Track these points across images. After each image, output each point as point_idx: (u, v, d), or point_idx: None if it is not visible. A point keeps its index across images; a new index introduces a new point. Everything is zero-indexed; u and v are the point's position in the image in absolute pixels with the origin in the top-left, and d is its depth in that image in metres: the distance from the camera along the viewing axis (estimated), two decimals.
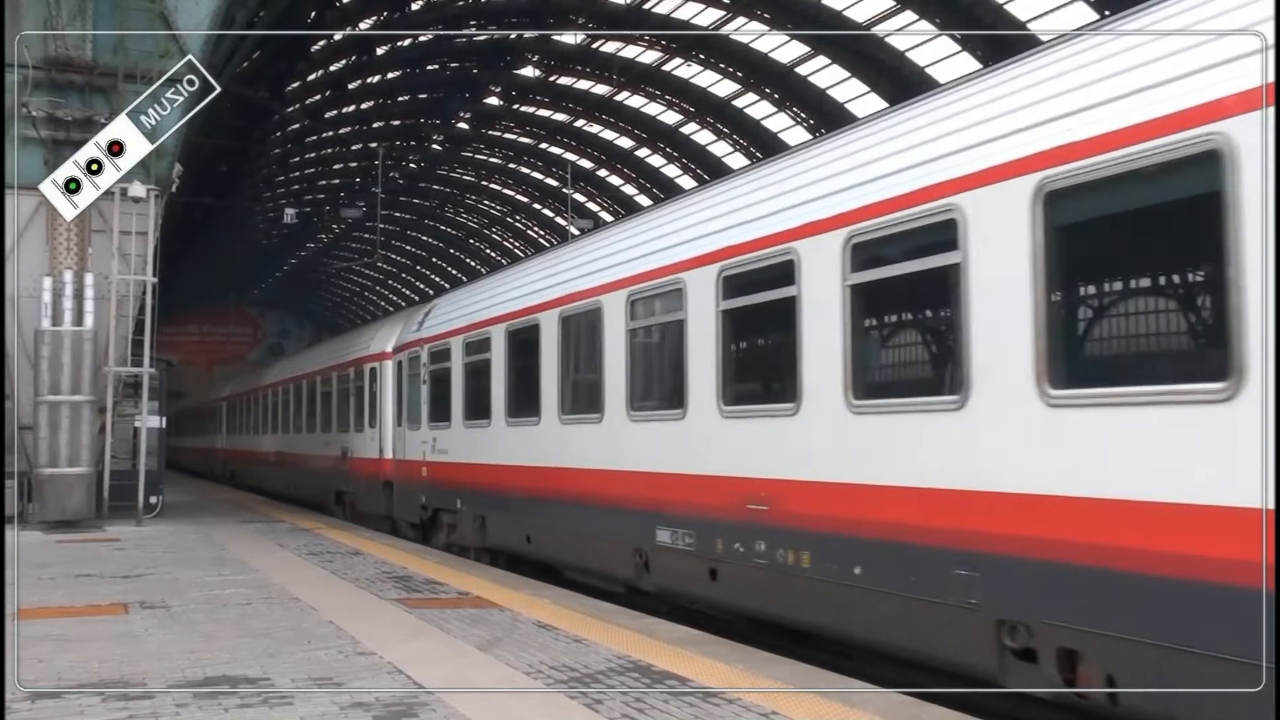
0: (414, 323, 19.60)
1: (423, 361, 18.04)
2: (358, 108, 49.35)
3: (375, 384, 22.37)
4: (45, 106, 19.76)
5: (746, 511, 9.44)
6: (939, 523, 7.30)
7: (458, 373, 16.52)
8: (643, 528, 11.07)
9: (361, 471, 23.01)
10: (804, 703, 6.80)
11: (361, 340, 25.19)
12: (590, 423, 12.34)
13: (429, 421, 17.67)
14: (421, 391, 18.05)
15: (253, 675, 7.57)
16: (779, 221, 9.25)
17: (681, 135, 46.79)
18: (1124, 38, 6.62)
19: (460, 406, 16.41)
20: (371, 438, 22.31)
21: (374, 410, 22.30)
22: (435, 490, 17.55)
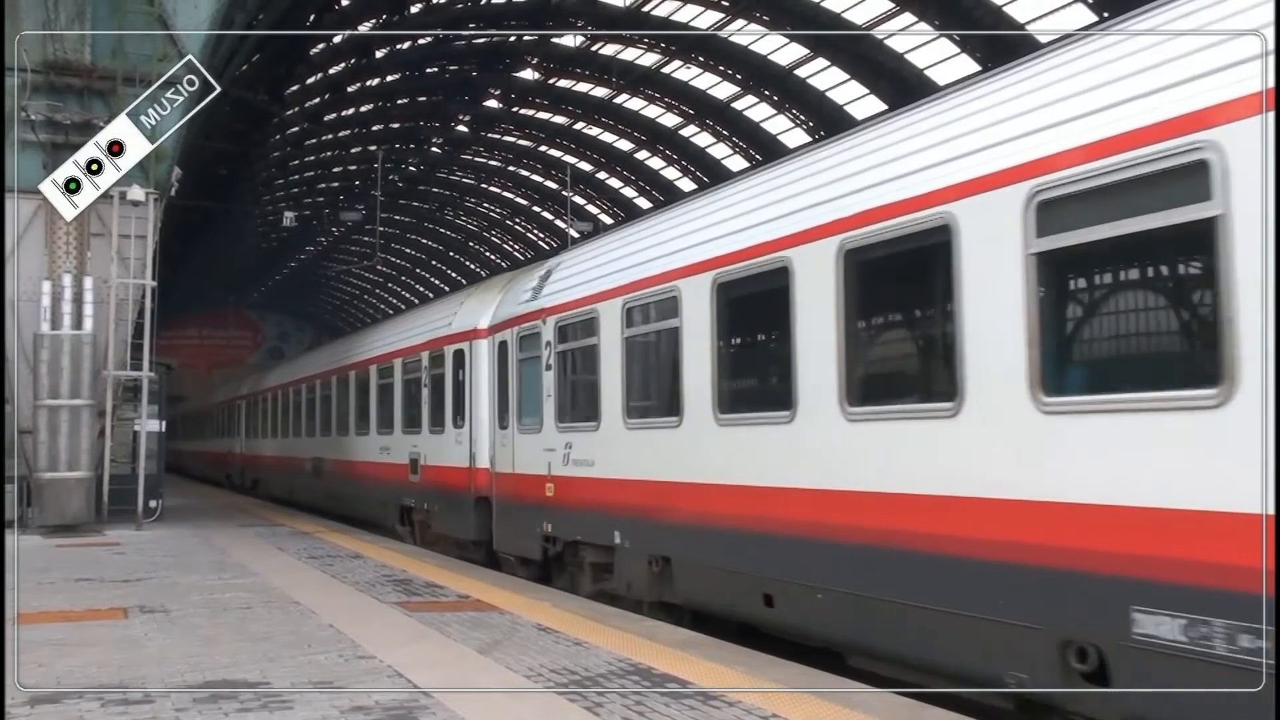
0: (523, 289, 15.06)
1: (546, 340, 13.52)
2: (357, 110, 49.37)
3: (461, 372, 17.31)
4: (44, 110, 19.73)
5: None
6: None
7: (613, 351, 11.90)
8: (1091, 604, 6.38)
9: (439, 484, 18.11)
10: (803, 704, 6.78)
11: (438, 316, 19.79)
12: (929, 418, 7.68)
13: (558, 421, 13.16)
14: (544, 381, 13.53)
15: (253, 679, 7.55)
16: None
17: (681, 137, 46.81)
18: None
19: (618, 400, 11.76)
20: (456, 441, 17.32)
21: (459, 406, 17.34)
22: (569, 516, 12.94)
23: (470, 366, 16.98)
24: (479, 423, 16.51)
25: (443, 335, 18.53)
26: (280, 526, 21.30)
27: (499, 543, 15.45)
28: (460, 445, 17.20)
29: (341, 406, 25.36)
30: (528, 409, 14.27)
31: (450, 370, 17.85)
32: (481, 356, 16.62)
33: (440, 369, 18.33)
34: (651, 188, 50.79)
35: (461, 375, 17.38)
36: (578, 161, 52.26)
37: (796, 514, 8.94)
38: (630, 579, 11.68)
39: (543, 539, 13.62)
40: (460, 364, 17.45)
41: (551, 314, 13.57)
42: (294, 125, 47.51)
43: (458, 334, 17.84)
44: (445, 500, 17.91)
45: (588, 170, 52.98)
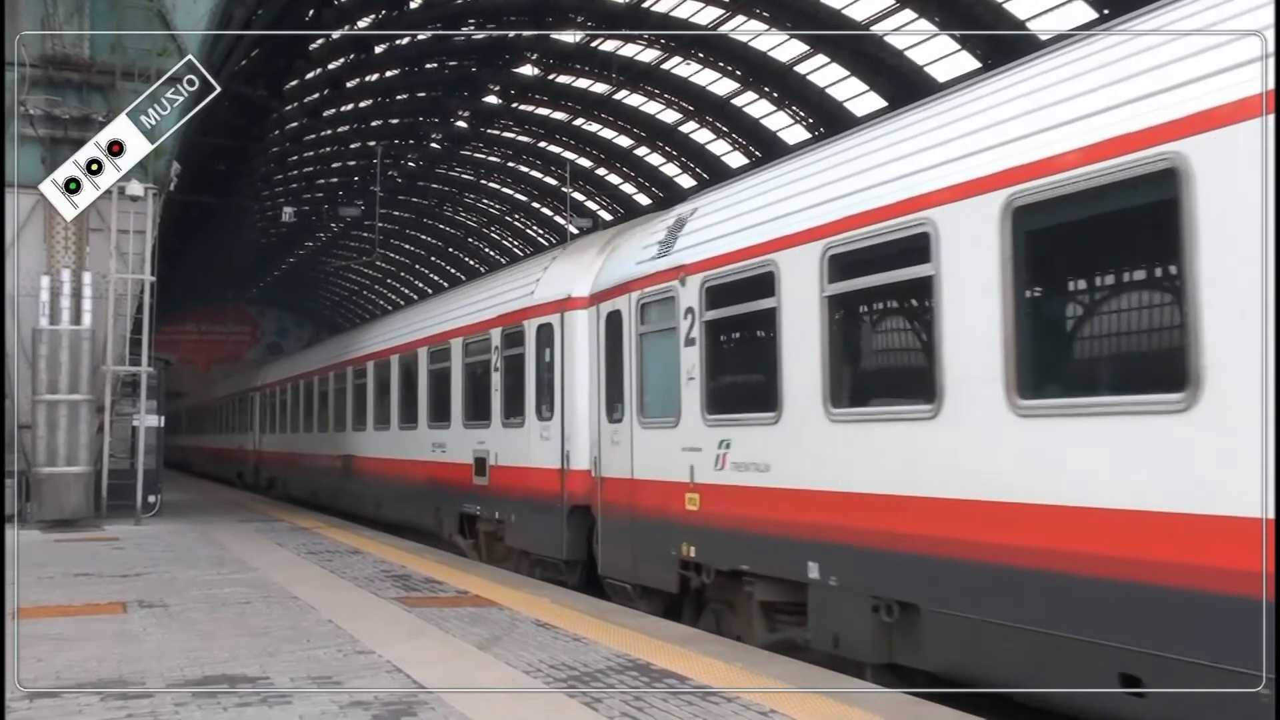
0: (641, 245, 12.03)
1: (686, 306, 10.53)
2: (356, 106, 49.35)
3: (549, 351, 14.29)
4: (43, 105, 19.74)
5: None
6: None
7: (804, 315, 8.81)
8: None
9: (517, 490, 14.92)
10: (804, 701, 6.79)
11: (512, 285, 16.31)
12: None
13: (706, 412, 10.18)
14: (683, 360, 10.51)
15: (251, 674, 7.55)
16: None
17: (680, 134, 46.79)
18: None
19: (815, 382, 8.67)
20: (542, 437, 14.21)
21: (545, 393, 14.27)
22: (726, 538, 9.89)
23: (561, 345, 13.80)
24: (575, 415, 13.35)
25: (522, 308, 15.15)
26: (279, 522, 21.29)
27: (607, 566, 12.21)
28: (548, 442, 13.95)
29: (381, 396, 22.06)
30: (655, 397, 11.23)
31: (532, 350, 14.65)
32: (578, 332, 13.44)
33: (518, 349, 15.07)
34: (651, 184, 50.79)
35: (548, 356, 14.27)
36: (577, 157, 52.24)
37: (1196, 555, 5.76)
38: (839, 630, 8.43)
39: (679, 565, 10.48)
40: (546, 342, 14.30)
41: (695, 271, 10.42)
42: (293, 121, 47.50)
43: (543, 305, 14.48)
44: (525, 510, 14.61)
45: (587, 166, 52.96)
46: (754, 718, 6.42)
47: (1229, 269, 5.64)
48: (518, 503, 14.96)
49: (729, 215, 10.46)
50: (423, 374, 19.21)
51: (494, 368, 15.97)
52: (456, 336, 17.80)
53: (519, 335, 15.15)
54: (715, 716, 6.46)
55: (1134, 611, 6.10)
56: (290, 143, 51.83)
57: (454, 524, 17.44)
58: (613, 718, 6.43)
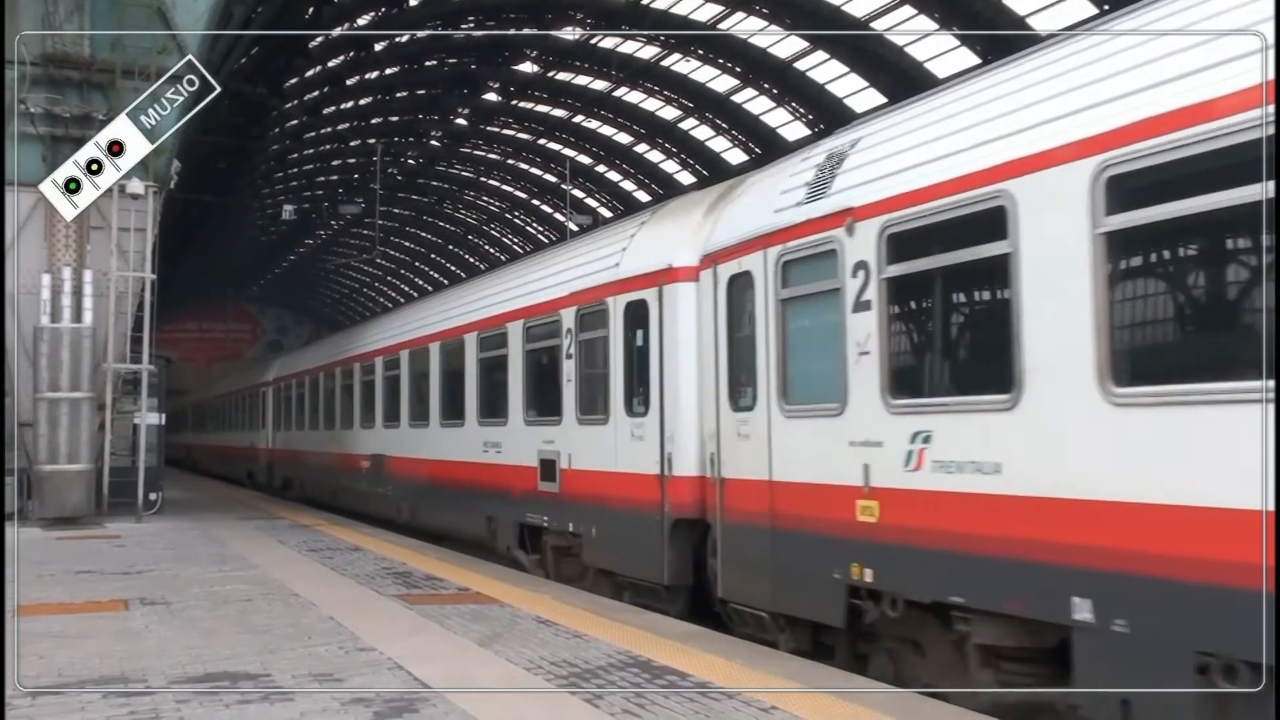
0: (780, 189, 9.69)
1: (855, 260, 8.28)
2: (356, 104, 49.34)
3: (642, 333, 12.00)
4: (43, 103, 19.74)
5: None
6: None
7: (1057, 263, 6.69)
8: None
9: (599, 498, 12.62)
10: (804, 698, 6.80)
11: (590, 257, 13.79)
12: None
13: (889, 396, 7.97)
14: (850, 330, 8.32)
15: (253, 671, 7.57)
16: None
17: (680, 130, 46.77)
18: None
19: (1084, 352, 6.47)
20: (634, 435, 11.88)
21: (637, 383, 12.03)
22: (925, 562, 7.67)
23: (660, 324, 11.45)
24: (679, 408, 11.02)
25: (603, 284, 12.72)
26: (280, 519, 21.30)
27: (732, 590, 9.95)
28: (642, 443, 11.61)
29: (418, 389, 19.70)
30: (804, 377, 9.19)
31: (619, 333, 12.31)
32: (683, 307, 11.14)
33: (598, 331, 12.76)
34: (651, 181, 50.78)
35: (641, 338, 11.92)
36: (577, 155, 52.22)
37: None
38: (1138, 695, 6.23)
39: (847, 592, 8.29)
40: (638, 322, 11.93)
41: (868, 215, 8.17)
42: (293, 119, 47.52)
43: (633, 279, 12.08)
44: (609, 522, 12.30)
45: (587, 163, 52.95)
46: (755, 714, 6.43)
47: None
48: (599, 514, 12.46)
49: (918, 141, 8.05)
50: (471, 363, 16.90)
51: (565, 354, 13.51)
52: (515, 320, 15.31)
53: (600, 315, 12.71)
54: (716, 713, 6.47)
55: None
56: (290, 140, 51.84)
57: (512, 536, 14.93)
58: (614, 714, 6.44)
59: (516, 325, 15.27)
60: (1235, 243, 6.20)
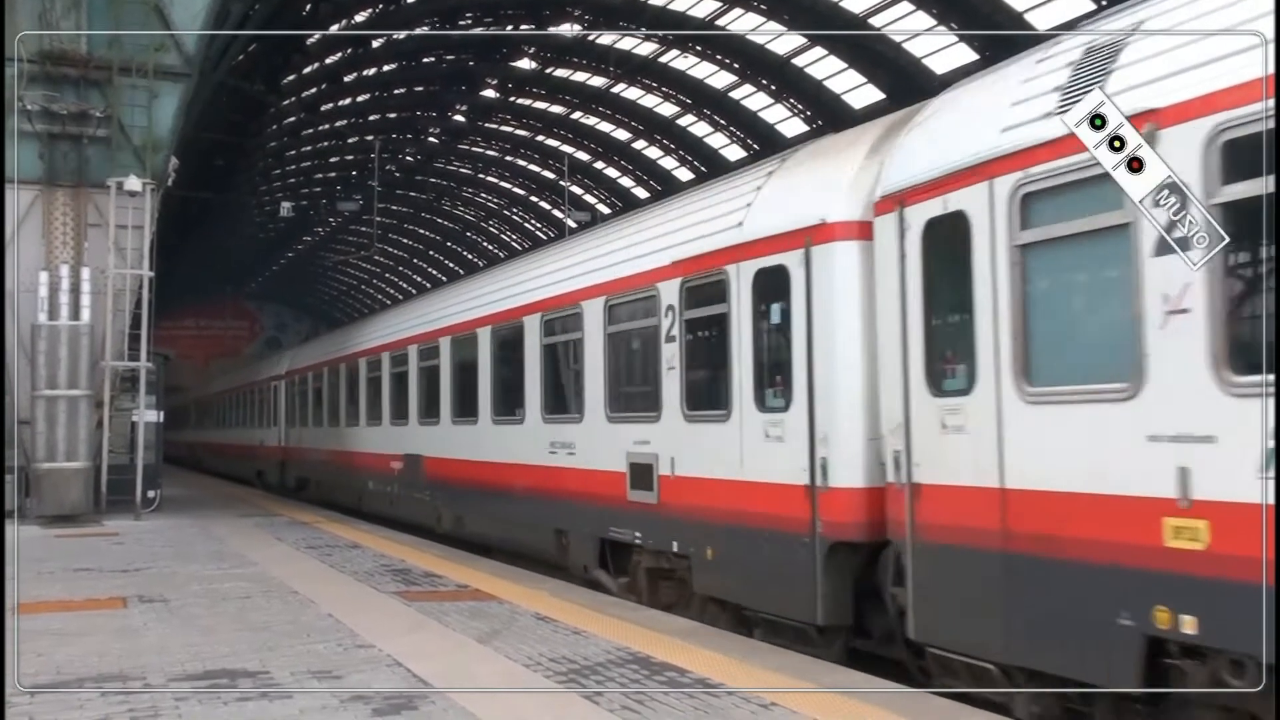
0: (1020, 97, 7.33)
1: (1157, 185, 5.61)
2: (354, 101, 49.29)
3: (779, 308, 9.66)
4: (40, 100, 19.72)
5: None
6: None
7: None
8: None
9: (717, 511, 10.17)
10: (803, 692, 6.80)
11: (697, 218, 11.30)
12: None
13: (1228, 372, 5.74)
14: (1146, 281, 6.15)
15: (252, 669, 7.56)
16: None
17: (679, 127, 46.75)
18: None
19: None
20: (768, 435, 9.58)
21: (770, 371, 9.80)
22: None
23: (808, 294, 9.07)
24: (836, 399, 8.77)
25: (721, 248, 10.32)
26: (279, 517, 21.29)
27: (929, 630, 7.69)
28: (781, 443, 9.31)
29: (463, 381, 17.35)
30: (1061, 350, 7.07)
31: (746, 308, 9.92)
32: (842, 271, 8.85)
33: (714, 307, 10.44)
34: (649, 177, 50.76)
35: (779, 313, 9.61)
36: (575, 151, 52.19)
37: None
38: None
39: (1144, 645, 6.07)
40: (774, 293, 9.60)
41: (1186, 117, 5.93)
42: (291, 115, 47.45)
43: (766, 241, 9.68)
44: (733, 542, 9.90)
45: (585, 160, 52.92)
46: (755, 710, 6.43)
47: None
48: (716, 532, 10.13)
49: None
50: (532, 350, 14.57)
51: (665, 336, 11.18)
52: (592, 297, 12.92)
53: (715, 288, 10.40)
54: (716, 709, 6.47)
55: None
56: (288, 137, 51.79)
57: (591, 553, 12.71)
58: (613, 710, 6.44)
59: (595, 304, 12.81)
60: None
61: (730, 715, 6.34)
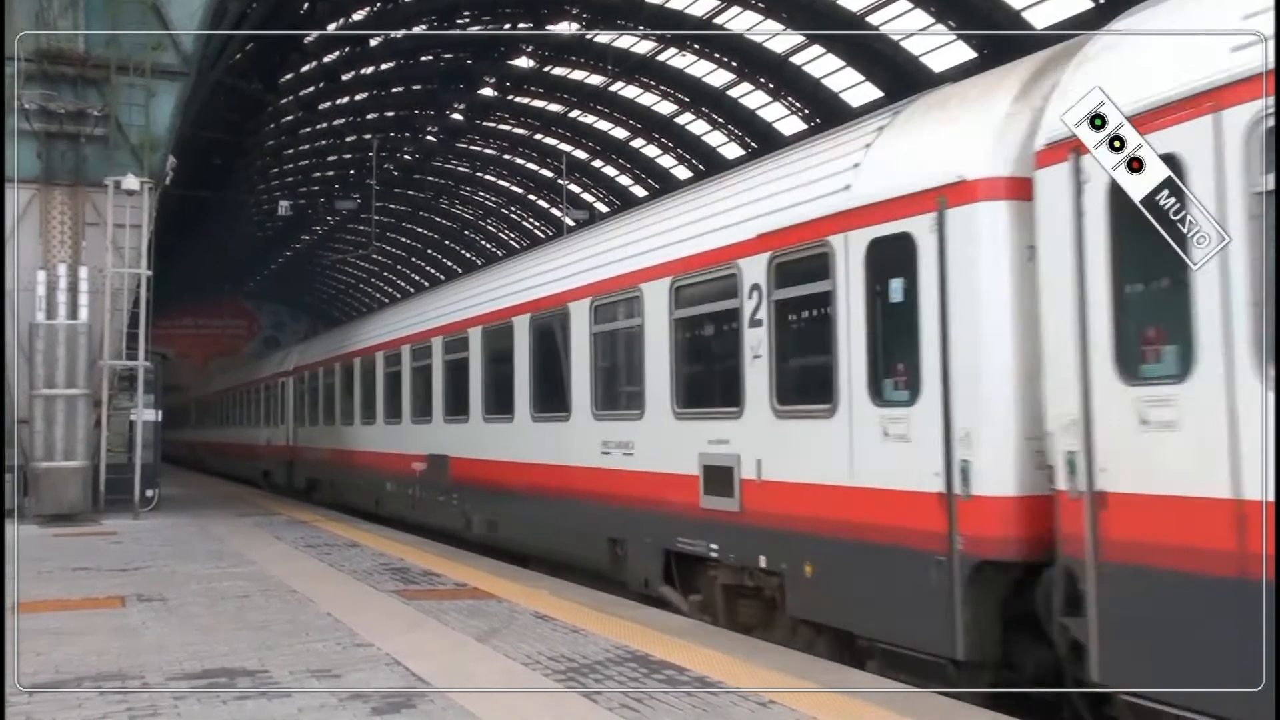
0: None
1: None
2: (352, 99, 49.27)
3: (906, 284, 8.18)
4: (38, 99, 19.70)
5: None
6: None
7: None
8: None
9: (819, 522, 8.88)
10: (802, 691, 6.81)
11: (788, 181, 9.94)
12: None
13: None
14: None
15: (251, 668, 7.56)
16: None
17: (677, 125, 46.77)
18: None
19: None
20: (886, 432, 8.25)
21: (897, 357, 8.31)
22: None
23: (941, 265, 7.69)
24: (981, 389, 7.44)
25: (823, 216, 8.94)
26: (277, 515, 21.28)
27: (1124, 673, 6.34)
28: (905, 443, 7.95)
29: (496, 375, 16.08)
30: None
31: (854, 283, 8.52)
32: (990, 236, 7.50)
33: (815, 284, 9.04)
34: (647, 176, 50.78)
35: (902, 289, 8.15)
36: (573, 149, 52.21)
37: None
38: None
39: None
40: (894, 265, 8.17)
41: None
42: (289, 114, 47.45)
43: (883, 204, 8.30)
44: (841, 558, 8.57)
45: (583, 158, 52.94)
46: (753, 708, 6.44)
47: None
48: (818, 546, 8.76)
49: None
50: (579, 341, 13.20)
51: (749, 320, 9.81)
52: (655, 278, 11.54)
53: (816, 262, 9.00)
54: (715, 707, 6.47)
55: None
56: (286, 136, 51.77)
57: (655, 567, 11.33)
58: (612, 709, 6.44)
59: (658, 286, 11.44)
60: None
61: (729, 713, 6.35)
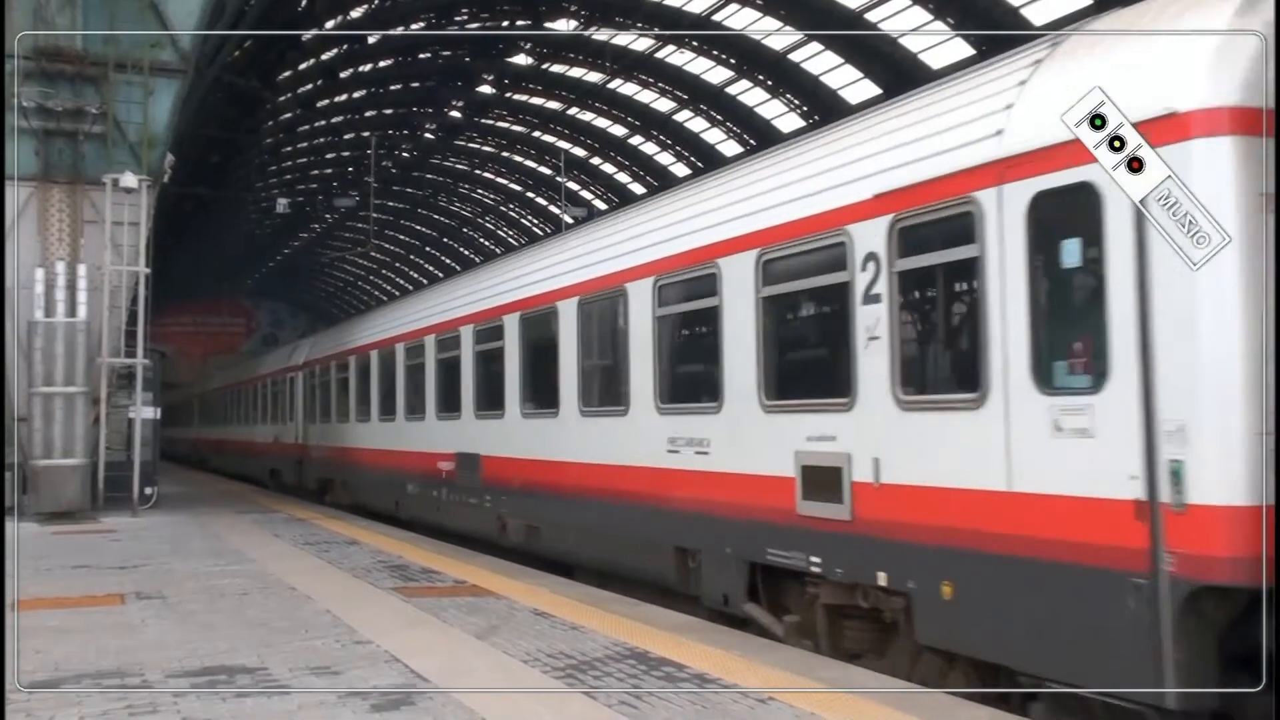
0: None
1: None
2: (350, 97, 49.22)
3: (1080, 243, 6.77)
4: (36, 97, 19.69)
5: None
6: None
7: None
8: None
9: (953, 532, 7.46)
10: (801, 687, 6.82)
11: (918, 126, 8.28)
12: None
13: None
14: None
15: (250, 665, 7.57)
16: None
17: (675, 123, 46.73)
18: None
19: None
20: (1062, 425, 6.71)
21: (1059, 335, 7.00)
22: None
23: (1140, 223, 6.19)
24: (1198, 373, 6.04)
25: (967, 169, 7.49)
26: (276, 513, 21.29)
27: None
28: (1088, 440, 6.56)
29: (534, 367, 14.63)
30: None
31: (1011, 247, 7.10)
32: (1212, 178, 5.91)
33: (956, 250, 7.65)
34: (646, 173, 50.75)
35: (1078, 252, 6.82)
36: (571, 147, 52.17)
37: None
38: None
39: None
40: (1070, 224, 6.80)
41: None
42: (287, 111, 47.40)
43: (1049, 151, 6.75)
44: (996, 578, 7.11)
45: (582, 155, 52.91)
46: (752, 705, 6.45)
47: None
48: (962, 561, 7.34)
49: None
50: (640, 325, 11.58)
51: (865, 297, 8.32)
52: (736, 252, 9.97)
53: (958, 224, 7.53)
54: (713, 704, 6.48)
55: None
56: (284, 133, 51.72)
57: (737, 581, 9.85)
58: (611, 706, 6.45)
59: (740, 260, 9.90)
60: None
61: (728, 710, 6.36)
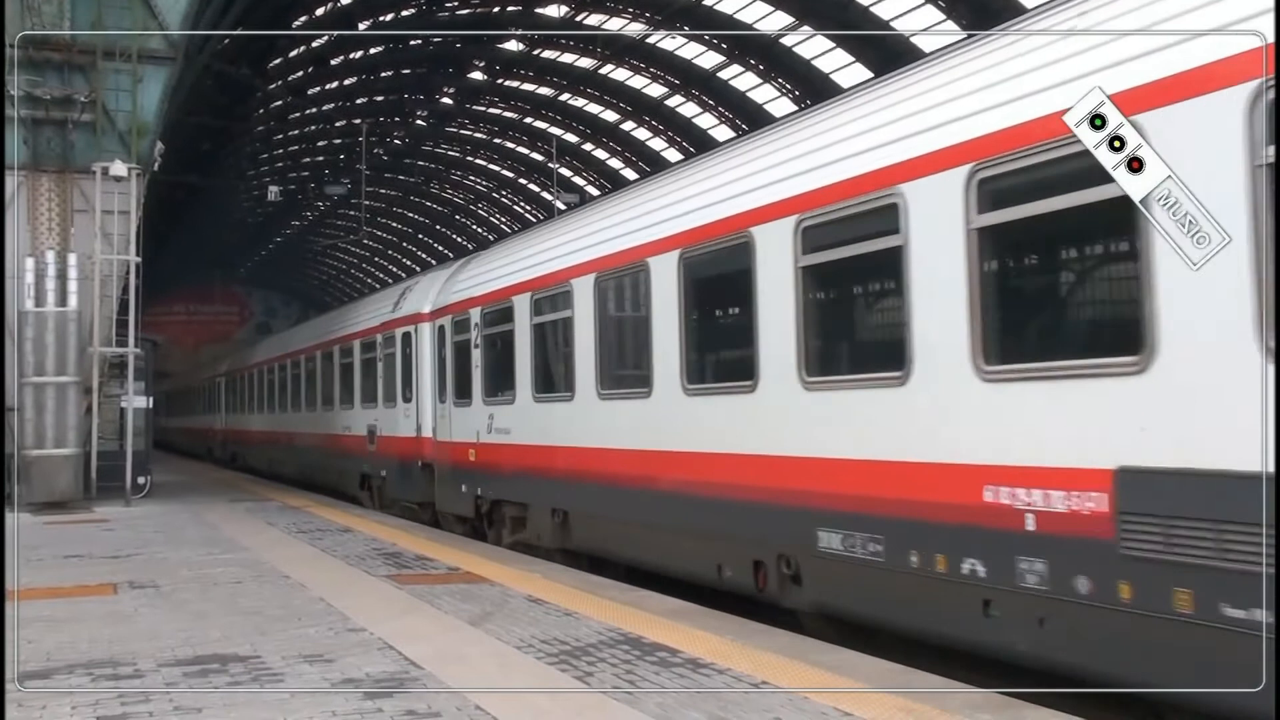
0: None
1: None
2: (341, 84, 49.07)
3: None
4: (24, 85, 19.59)
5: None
6: None
7: None
8: None
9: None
10: (794, 671, 6.83)
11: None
12: None
13: None
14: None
15: (243, 653, 7.56)
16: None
17: (667, 108, 46.66)
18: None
19: None
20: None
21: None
22: None
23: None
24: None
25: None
26: (270, 501, 21.29)
27: None
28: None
29: (623, 337, 12.01)
30: None
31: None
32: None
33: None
34: (638, 159, 50.67)
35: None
36: (563, 133, 52.07)
37: None
38: None
39: None
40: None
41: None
42: (277, 99, 47.24)
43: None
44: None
45: (573, 142, 52.82)
46: (745, 689, 6.46)
47: None
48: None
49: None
50: (778, 280, 8.91)
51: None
52: (938, 170, 7.25)
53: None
54: (707, 688, 6.49)
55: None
56: (275, 121, 51.55)
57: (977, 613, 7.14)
58: (605, 691, 6.46)
59: (948, 180, 7.12)
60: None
61: (722, 694, 6.37)
